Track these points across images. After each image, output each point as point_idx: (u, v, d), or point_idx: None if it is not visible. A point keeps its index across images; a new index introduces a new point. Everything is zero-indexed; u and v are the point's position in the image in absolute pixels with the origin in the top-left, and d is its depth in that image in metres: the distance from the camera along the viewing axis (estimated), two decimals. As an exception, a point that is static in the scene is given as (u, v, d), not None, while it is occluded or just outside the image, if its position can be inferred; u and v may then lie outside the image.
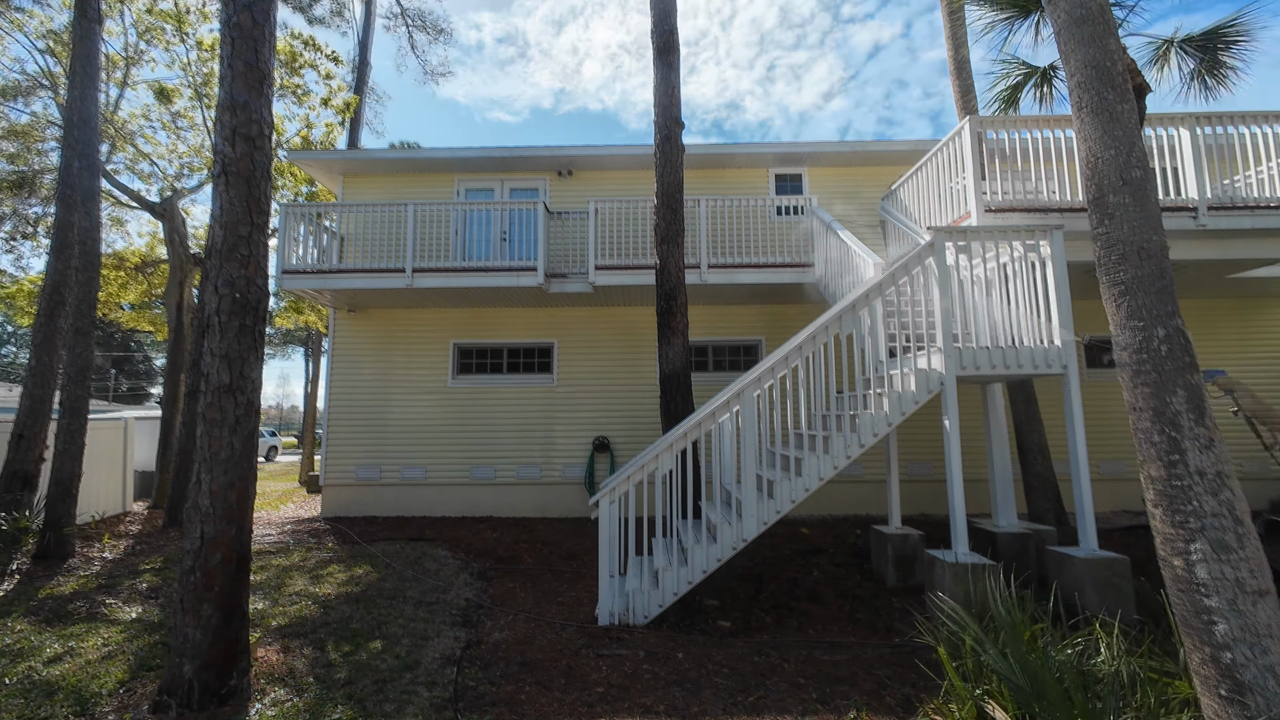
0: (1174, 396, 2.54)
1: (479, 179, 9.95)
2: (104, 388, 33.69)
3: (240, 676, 3.53)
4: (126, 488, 9.88)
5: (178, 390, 10.13)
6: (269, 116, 3.97)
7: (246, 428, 3.69)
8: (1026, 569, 5.12)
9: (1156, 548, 2.57)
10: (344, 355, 9.40)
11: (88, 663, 3.97)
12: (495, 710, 3.31)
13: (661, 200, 6.65)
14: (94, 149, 7.50)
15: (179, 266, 10.78)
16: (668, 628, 4.48)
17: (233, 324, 3.68)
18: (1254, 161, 5.89)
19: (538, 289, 8.16)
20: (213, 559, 3.50)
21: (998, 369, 4.89)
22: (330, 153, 10.62)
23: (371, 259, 8.79)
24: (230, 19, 3.89)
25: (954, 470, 4.69)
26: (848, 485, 8.49)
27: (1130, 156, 2.83)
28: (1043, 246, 5.04)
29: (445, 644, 4.23)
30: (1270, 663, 2.22)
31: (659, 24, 6.82)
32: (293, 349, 32.52)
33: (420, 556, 6.63)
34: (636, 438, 8.90)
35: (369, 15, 17.96)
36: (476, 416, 9.16)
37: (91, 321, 7.38)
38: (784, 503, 4.68)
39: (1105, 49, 2.97)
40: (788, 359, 5.01)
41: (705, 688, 3.54)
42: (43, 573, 6.21)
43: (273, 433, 27.47)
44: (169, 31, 10.78)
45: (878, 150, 9.31)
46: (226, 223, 3.75)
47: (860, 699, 3.38)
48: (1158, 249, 2.73)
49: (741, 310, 9.33)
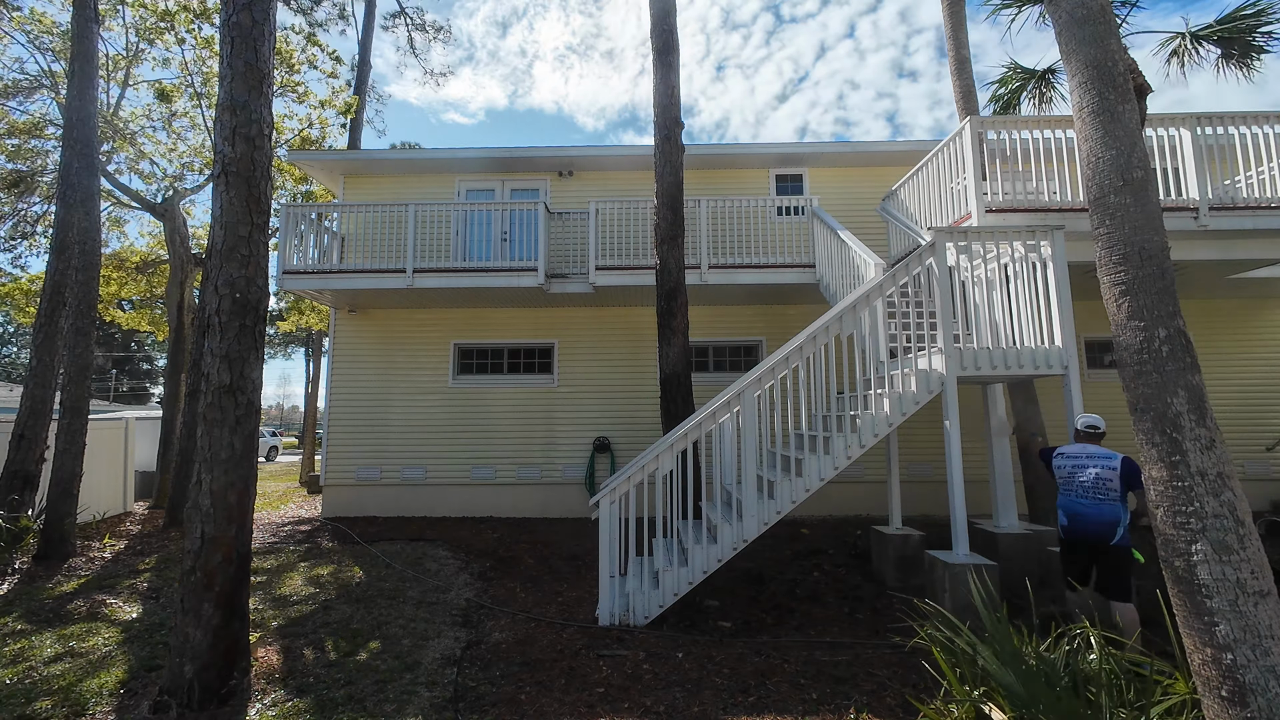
0: (1175, 397, 2.54)
1: (480, 179, 9.95)
2: (105, 388, 33.72)
3: (241, 676, 3.53)
4: (127, 488, 9.88)
5: (178, 390, 10.14)
6: (269, 116, 3.97)
7: (247, 428, 3.69)
8: (1028, 570, 5.12)
9: (1157, 548, 2.56)
10: (344, 355, 9.40)
11: (88, 663, 3.97)
12: (496, 710, 3.31)
13: (662, 200, 6.65)
14: (93, 148, 7.50)
15: (179, 266, 10.79)
16: (668, 628, 4.48)
17: (233, 324, 3.68)
18: (1254, 162, 5.88)
19: (538, 289, 8.16)
20: (213, 559, 3.50)
21: (998, 369, 4.89)
22: (331, 153, 10.63)
23: (372, 259, 8.79)
24: (230, 18, 3.89)
25: (955, 471, 4.69)
26: (848, 486, 8.48)
27: (1131, 157, 2.83)
28: (1043, 247, 5.03)
29: (445, 644, 4.23)
30: (1272, 664, 2.22)
31: (659, 24, 6.81)
32: (293, 349, 32.52)
33: (421, 556, 6.63)
34: (637, 438, 8.90)
35: (369, 16, 17.96)
36: (477, 417, 9.16)
37: (92, 321, 7.39)
38: (784, 503, 4.68)
39: (1106, 49, 2.96)
40: (788, 359, 5.00)
41: (706, 688, 3.54)
42: (43, 572, 6.21)
43: (273, 433, 27.44)
44: (169, 30, 10.78)
45: (878, 151, 9.31)
46: (226, 223, 3.75)
47: (860, 699, 3.38)
48: (1159, 249, 2.72)
49: (742, 311, 9.33)
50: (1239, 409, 8.79)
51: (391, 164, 9.83)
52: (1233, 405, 8.76)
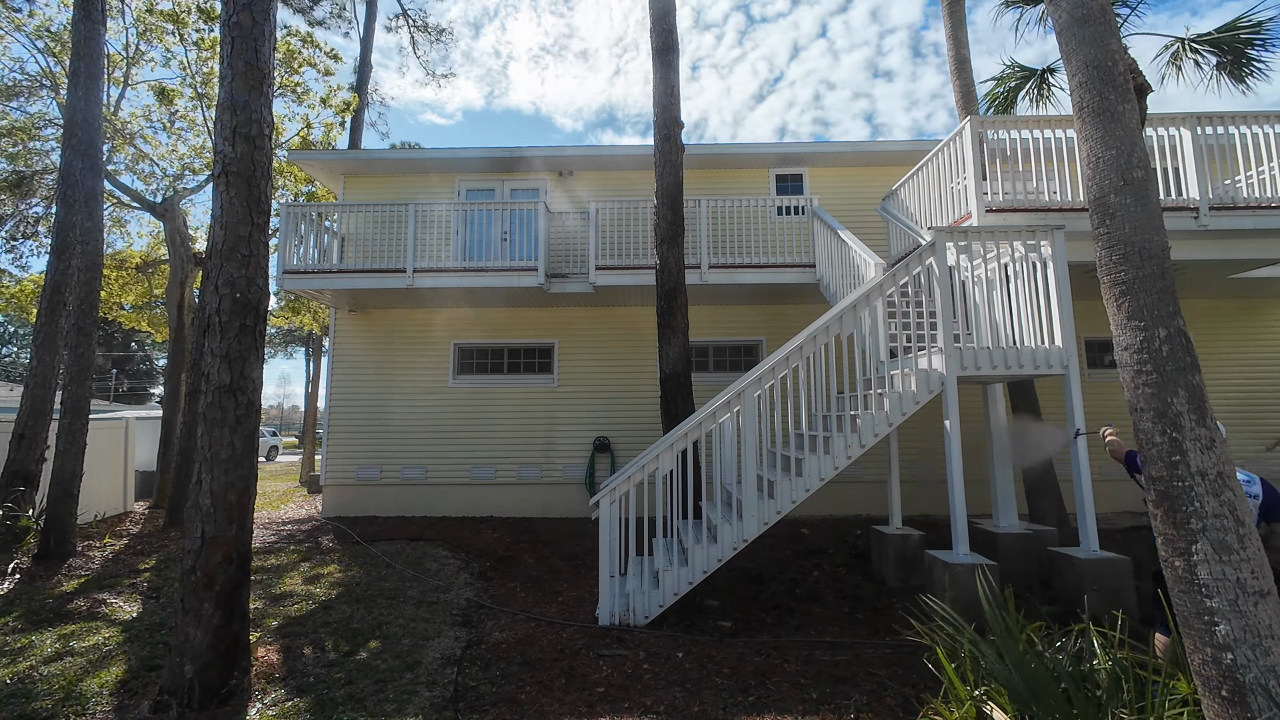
0: (1175, 397, 2.53)
1: (480, 179, 9.96)
2: (105, 388, 33.71)
3: (241, 676, 3.53)
4: (127, 487, 9.89)
5: (179, 390, 10.14)
6: (269, 116, 3.97)
7: (247, 427, 3.69)
8: (1028, 570, 5.12)
9: (1158, 548, 2.56)
10: (345, 355, 9.40)
11: (88, 662, 3.97)
12: (496, 710, 3.31)
13: (661, 200, 6.65)
14: (96, 149, 7.50)
15: (180, 266, 10.79)
16: (668, 628, 4.48)
17: (233, 324, 3.68)
18: (1255, 162, 5.88)
19: (538, 289, 8.16)
20: (213, 559, 3.50)
21: (999, 369, 4.89)
22: (332, 153, 10.64)
23: (372, 259, 8.79)
24: (230, 18, 3.89)
25: (955, 471, 4.69)
26: (848, 485, 8.47)
27: (1132, 157, 2.83)
28: (1044, 247, 5.03)
29: (446, 644, 4.23)
30: (1272, 664, 2.22)
31: (658, 23, 6.81)
32: (294, 348, 32.53)
33: (421, 556, 6.63)
34: (637, 438, 8.90)
35: (370, 18, 17.97)
36: (477, 416, 9.16)
37: (93, 321, 7.39)
38: (784, 503, 4.68)
39: (1106, 49, 2.96)
40: (788, 359, 5.00)
41: (706, 688, 3.54)
42: (44, 572, 6.22)
43: (274, 432, 27.45)
44: (171, 33, 10.78)
45: (878, 151, 9.31)
46: (227, 223, 3.75)
47: (861, 699, 3.38)
48: (1159, 249, 2.72)
49: (742, 310, 9.33)
50: (1239, 409, 8.79)
51: (392, 164, 9.83)
52: (1233, 405, 8.76)
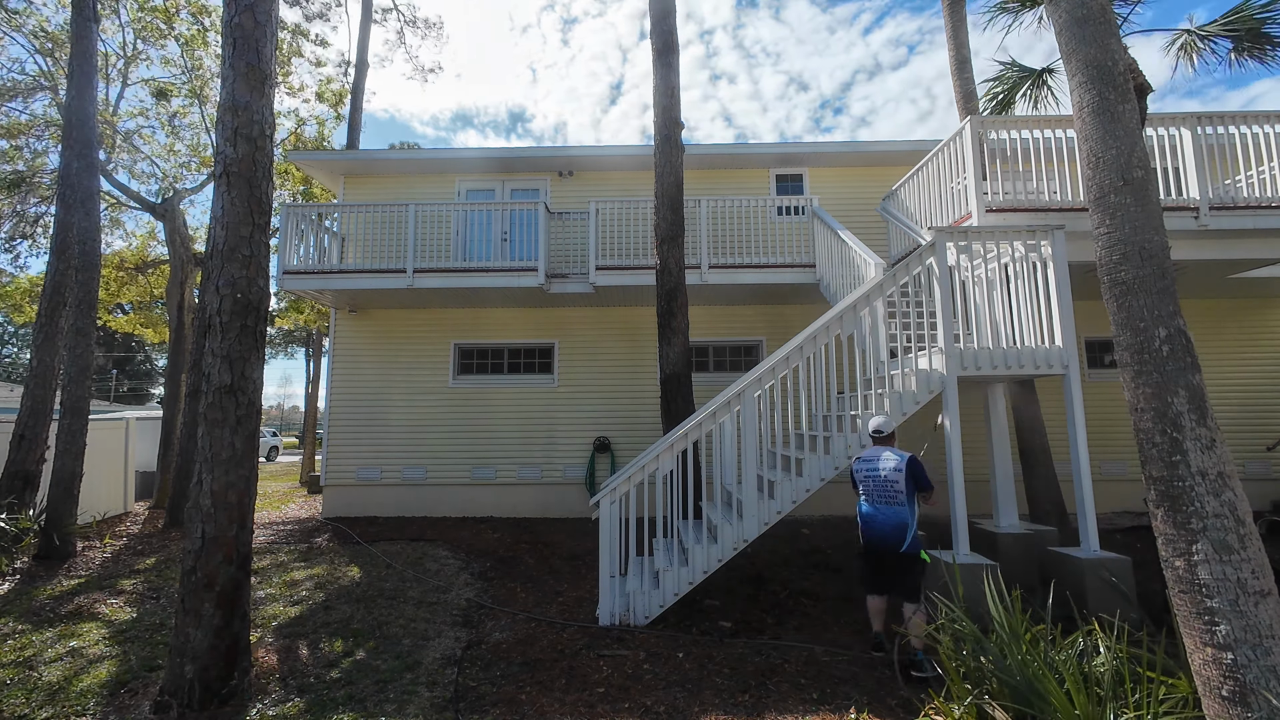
0: (1176, 397, 2.54)
1: (480, 179, 9.95)
2: (105, 388, 33.70)
3: (241, 676, 3.53)
4: (128, 488, 9.88)
5: (179, 390, 10.14)
6: (270, 117, 3.97)
7: (248, 428, 3.69)
8: (1028, 569, 5.12)
9: (1158, 548, 2.57)
10: (345, 355, 9.40)
11: (88, 662, 3.97)
12: (496, 710, 3.31)
13: (662, 200, 6.64)
14: (92, 149, 7.50)
15: (180, 267, 10.79)
16: (668, 628, 4.48)
17: (234, 324, 3.68)
18: (1255, 161, 5.88)
19: (538, 289, 8.16)
20: (214, 559, 3.50)
21: (999, 369, 4.89)
22: (332, 153, 10.63)
23: (372, 259, 8.78)
24: (232, 20, 3.89)
25: (955, 471, 4.69)
26: (849, 486, 8.46)
27: (1131, 156, 2.83)
28: (1044, 247, 5.03)
29: (446, 644, 4.23)
30: (1272, 663, 2.22)
31: (658, 24, 6.81)
32: (294, 348, 32.51)
33: (421, 556, 6.63)
34: (637, 438, 8.90)
35: (366, 16, 17.93)
36: (477, 417, 9.16)
37: (92, 321, 7.39)
38: (785, 503, 4.68)
39: (1106, 49, 2.96)
40: (788, 359, 5.00)
41: (706, 688, 3.54)
42: (44, 572, 6.21)
43: (274, 433, 27.43)
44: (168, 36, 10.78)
45: (878, 151, 9.30)
46: (228, 223, 3.75)
47: (861, 699, 3.38)
48: (1159, 249, 2.72)
49: (742, 310, 9.33)
50: (1239, 409, 8.79)
51: (391, 164, 9.83)
52: (1233, 405, 8.76)
